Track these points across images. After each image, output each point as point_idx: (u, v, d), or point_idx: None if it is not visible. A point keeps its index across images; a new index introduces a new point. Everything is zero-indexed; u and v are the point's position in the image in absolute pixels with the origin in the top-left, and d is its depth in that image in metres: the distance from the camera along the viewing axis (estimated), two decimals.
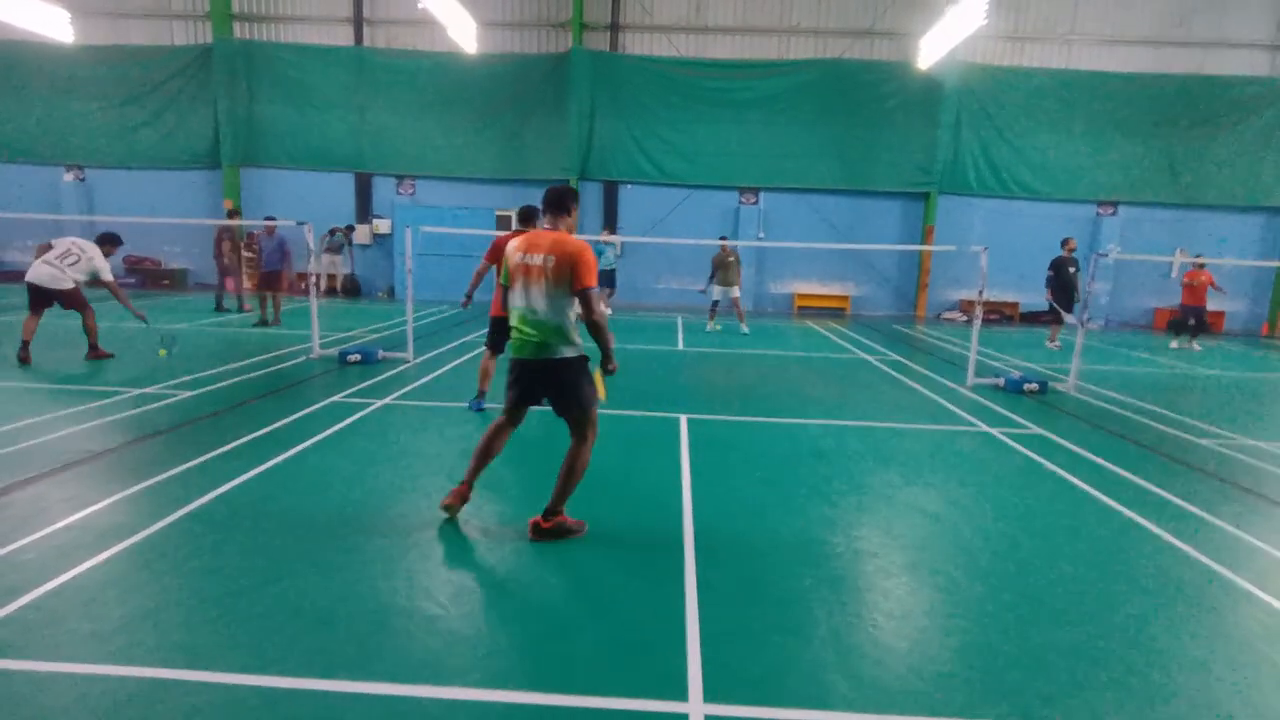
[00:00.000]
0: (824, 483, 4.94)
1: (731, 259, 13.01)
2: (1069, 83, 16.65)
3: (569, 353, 3.65)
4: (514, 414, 3.94)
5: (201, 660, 2.64)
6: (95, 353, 8.38)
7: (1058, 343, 12.51)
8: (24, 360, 7.78)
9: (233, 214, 15.42)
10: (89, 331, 8.40)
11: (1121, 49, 16.77)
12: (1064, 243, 12.14)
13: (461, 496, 3.95)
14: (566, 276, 3.52)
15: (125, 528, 3.72)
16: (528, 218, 5.90)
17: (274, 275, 11.83)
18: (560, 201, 3.70)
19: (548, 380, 3.73)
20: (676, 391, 7.96)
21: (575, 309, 3.62)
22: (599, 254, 13.35)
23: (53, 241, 8.60)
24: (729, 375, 9.13)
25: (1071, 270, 11.97)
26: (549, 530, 3.77)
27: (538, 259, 3.56)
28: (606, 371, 3.82)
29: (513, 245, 3.70)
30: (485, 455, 3.96)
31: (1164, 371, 10.71)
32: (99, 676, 2.53)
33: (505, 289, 3.78)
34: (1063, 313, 11.86)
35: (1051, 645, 2.95)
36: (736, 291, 13.07)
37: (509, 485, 4.65)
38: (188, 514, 3.93)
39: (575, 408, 3.73)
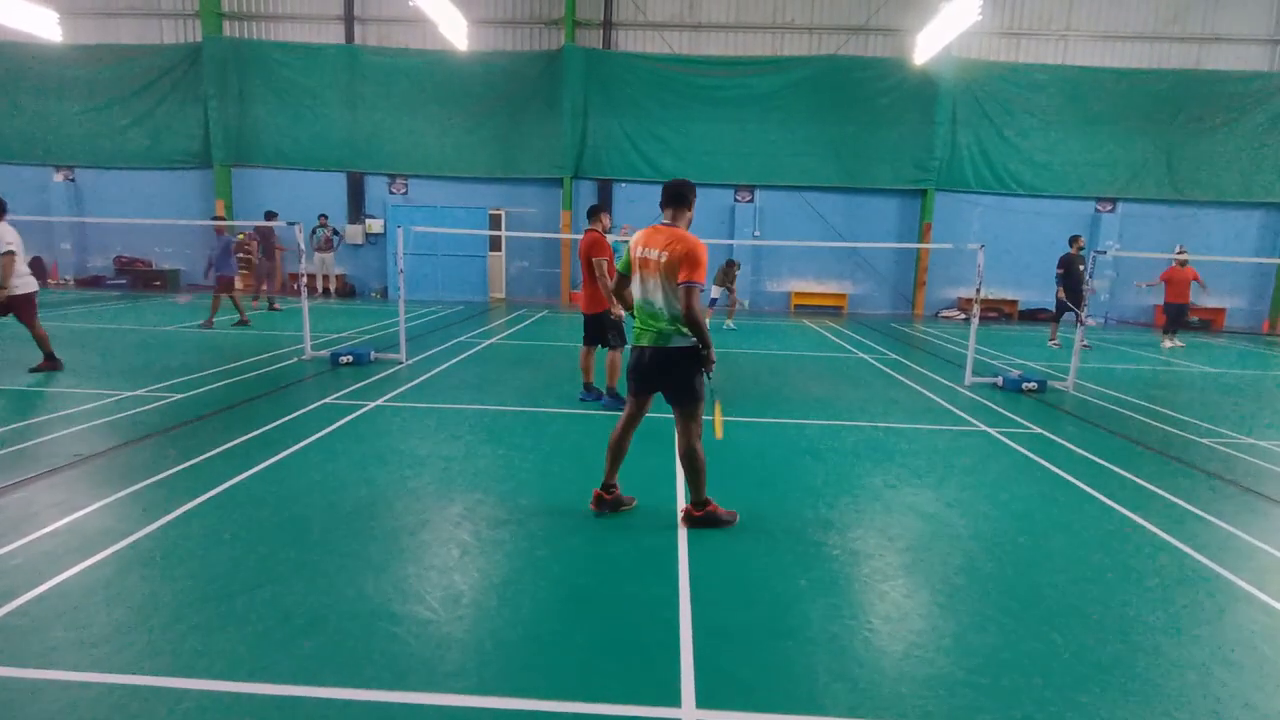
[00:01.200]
0: (820, 484, 4.91)
1: (736, 271, 13.43)
2: (1065, 78, 16.64)
3: (682, 343, 3.78)
4: (639, 404, 4.09)
5: (190, 667, 2.59)
6: (48, 363, 7.56)
7: (1057, 340, 12.48)
8: None
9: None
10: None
11: (1117, 44, 16.77)
12: (1073, 240, 11.95)
13: (601, 499, 4.13)
14: (676, 270, 3.65)
15: (114, 532, 3.67)
16: (594, 214, 6.75)
17: (227, 279, 11.45)
18: (681, 196, 3.84)
19: (663, 369, 3.86)
20: None
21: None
22: (616, 252, 12.81)
23: None
24: (725, 375, 9.09)
25: (1081, 268, 11.91)
26: (700, 518, 3.98)
27: (654, 253, 3.74)
28: (703, 369, 3.86)
29: (635, 238, 3.89)
30: (617, 452, 4.15)
31: (1164, 370, 10.71)
32: (87, 684, 2.49)
33: (625, 278, 4.06)
34: (1077, 311, 11.83)
35: (1049, 647, 2.92)
36: (734, 288, 13.55)
37: (503, 489, 4.60)
38: (176, 518, 3.88)
39: (686, 398, 3.88)
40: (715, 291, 13.40)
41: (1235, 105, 16.43)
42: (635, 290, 3.89)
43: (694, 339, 3.75)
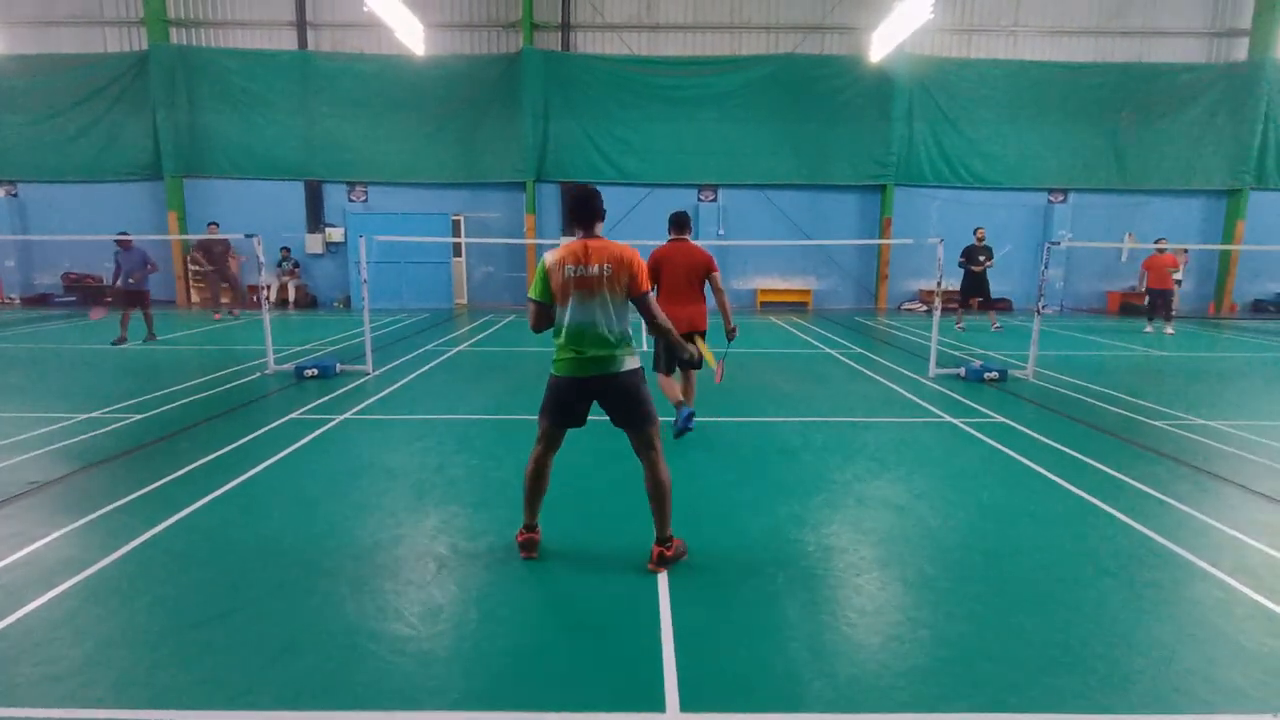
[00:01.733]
0: (792, 480, 4.97)
1: None
2: (1015, 73, 17.09)
3: (632, 364, 3.52)
4: (558, 436, 3.69)
5: (163, 698, 2.53)
6: None
7: (963, 325, 13.56)
8: None
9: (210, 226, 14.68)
10: None
11: (1064, 39, 17.26)
12: (975, 231, 13.16)
13: (532, 542, 3.72)
14: (626, 283, 3.45)
15: (75, 562, 3.56)
16: (677, 225, 5.82)
17: (138, 293, 11.13)
18: (594, 209, 3.58)
19: (618, 396, 3.51)
20: None
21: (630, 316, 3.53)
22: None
23: None
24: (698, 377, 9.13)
25: (982, 259, 12.96)
26: (670, 558, 3.59)
27: (595, 270, 3.41)
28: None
29: (556, 258, 3.47)
30: (539, 489, 3.72)
31: (1117, 355, 11.05)
32: None
33: (546, 307, 3.52)
34: (978, 298, 13.10)
35: (1019, 633, 3.01)
36: None
37: (477, 500, 4.57)
38: (141, 545, 3.78)
39: (646, 422, 3.55)
40: None
41: (1177, 96, 17.04)
42: (567, 315, 3.44)
43: (636, 360, 3.53)
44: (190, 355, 10.06)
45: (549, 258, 3.50)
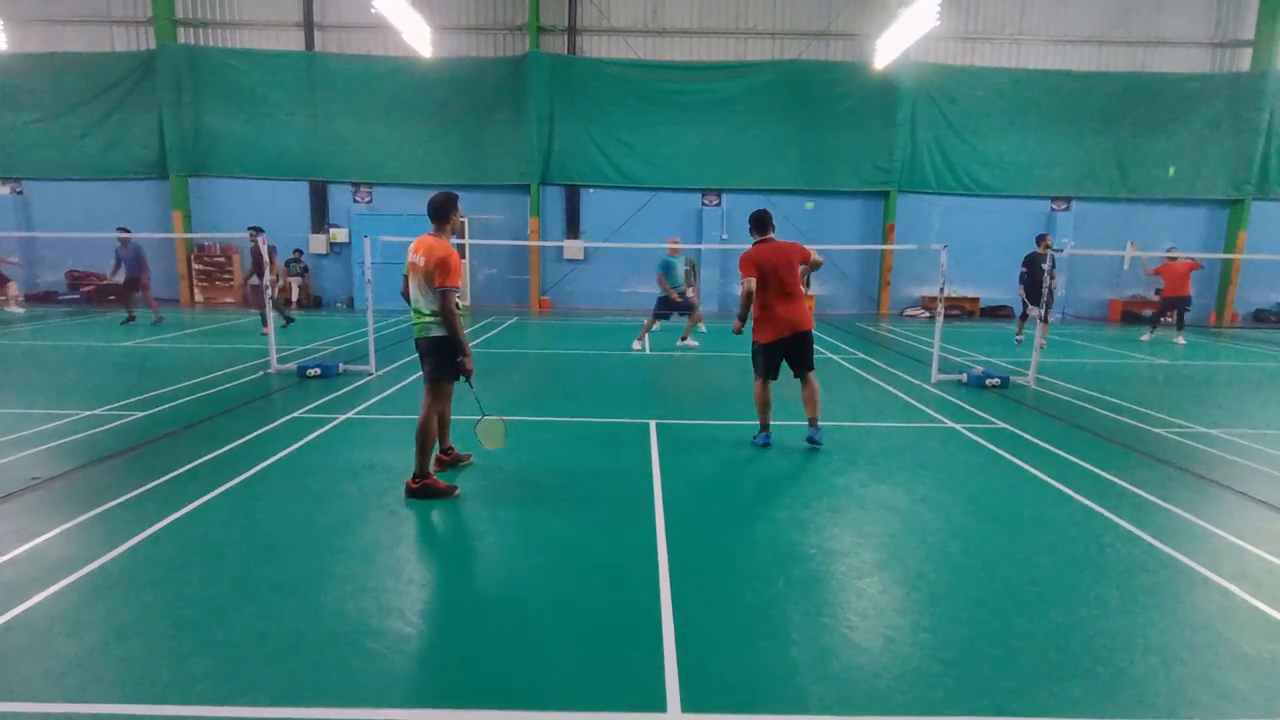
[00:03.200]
0: (794, 484, 4.98)
1: (688, 267, 13.27)
2: (1019, 81, 17.11)
3: (438, 333, 4.42)
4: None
5: (164, 694, 2.54)
6: None
7: (1022, 336, 12.87)
8: None
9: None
10: None
11: (1068, 48, 17.29)
12: (1039, 239, 12.10)
13: (440, 462, 4.88)
14: (433, 276, 4.27)
15: (78, 558, 3.57)
16: (761, 224, 5.84)
17: (134, 281, 12.79)
18: (438, 211, 4.50)
19: (422, 354, 4.51)
20: (645, 396, 7.95)
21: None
22: (669, 268, 11.09)
23: None
24: (697, 378, 9.16)
25: (1044, 267, 12.24)
26: (417, 490, 4.42)
27: (419, 260, 4.37)
28: (462, 373, 4.50)
29: (411, 246, 4.50)
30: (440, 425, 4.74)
31: (1119, 363, 11.05)
32: (55, 715, 2.43)
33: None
34: (1037, 309, 12.19)
35: (1021, 638, 3.01)
36: (691, 292, 13.24)
37: (478, 501, 4.58)
38: (143, 541, 3.80)
39: (431, 377, 4.52)
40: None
41: (1180, 106, 17.05)
42: (410, 291, 4.48)
43: (443, 330, 4.35)
44: (193, 354, 10.08)
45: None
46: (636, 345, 11.12)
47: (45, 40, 16.87)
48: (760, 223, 5.82)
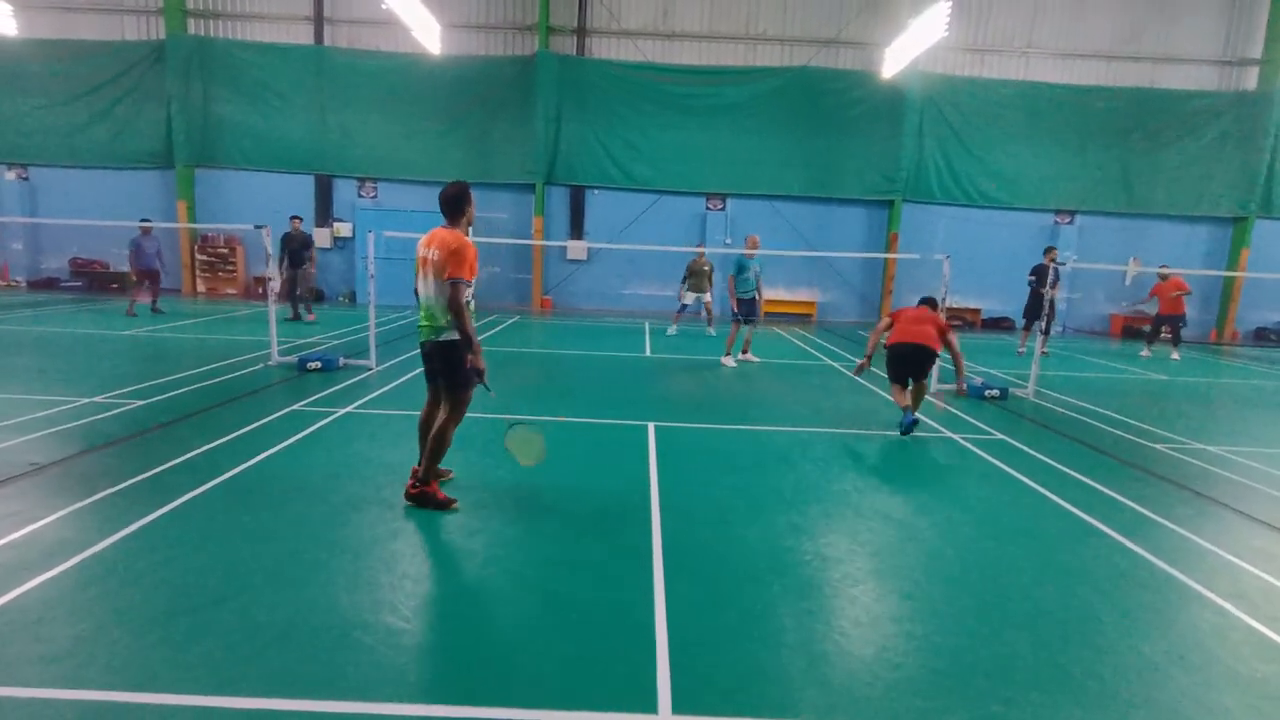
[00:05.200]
0: (791, 490, 4.97)
1: (706, 268, 13.35)
2: (1027, 94, 17.12)
3: (452, 336, 4.15)
4: (432, 389, 4.46)
5: (156, 681, 2.54)
6: None
7: (1025, 349, 12.90)
8: None
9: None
10: None
11: (1077, 62, 17.30)
12: (1047, 251, 12.21)
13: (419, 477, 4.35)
14: (444, 268, 4.04)
15: (74, 544, 3.58)
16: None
17: (154, 273, 13.16)
18: (451, 204, 4.22)
19: (436, 359, 4.24)
20: (644, 398, 7.95)
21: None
22: (742, 269, 10.06)
23: None
24: (697, 382, 9.16)
25: (1047, 278, 12.31)
26: (415, 495, 4.26)
27: (431, 253, 4.13)
28: (477, 374, 4.22)
29: (421, 240, 4.26)
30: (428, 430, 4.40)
31: (1119, 377, 11.04)
32: (48, 700, 2.43)
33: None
34: (1039, 320, 12.20)
35: (1013, 649, 3.01)
36: (708, 296, 13.47)
37: (475, 498, 4.58)
38: (139, 529, 3.80)
39: (449, 385, 4.27)
40: (688, 298, 13.49)
41: (1187, 122, 17.06)
42: (420, 288, 4.23)
43: (456, 326, 4.10)
44: (194, 344, 10.09)
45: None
46: (728, 360, 10.20)
47: (56, 26, 16.90)
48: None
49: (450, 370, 4.20)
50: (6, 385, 7.07)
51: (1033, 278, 12.49)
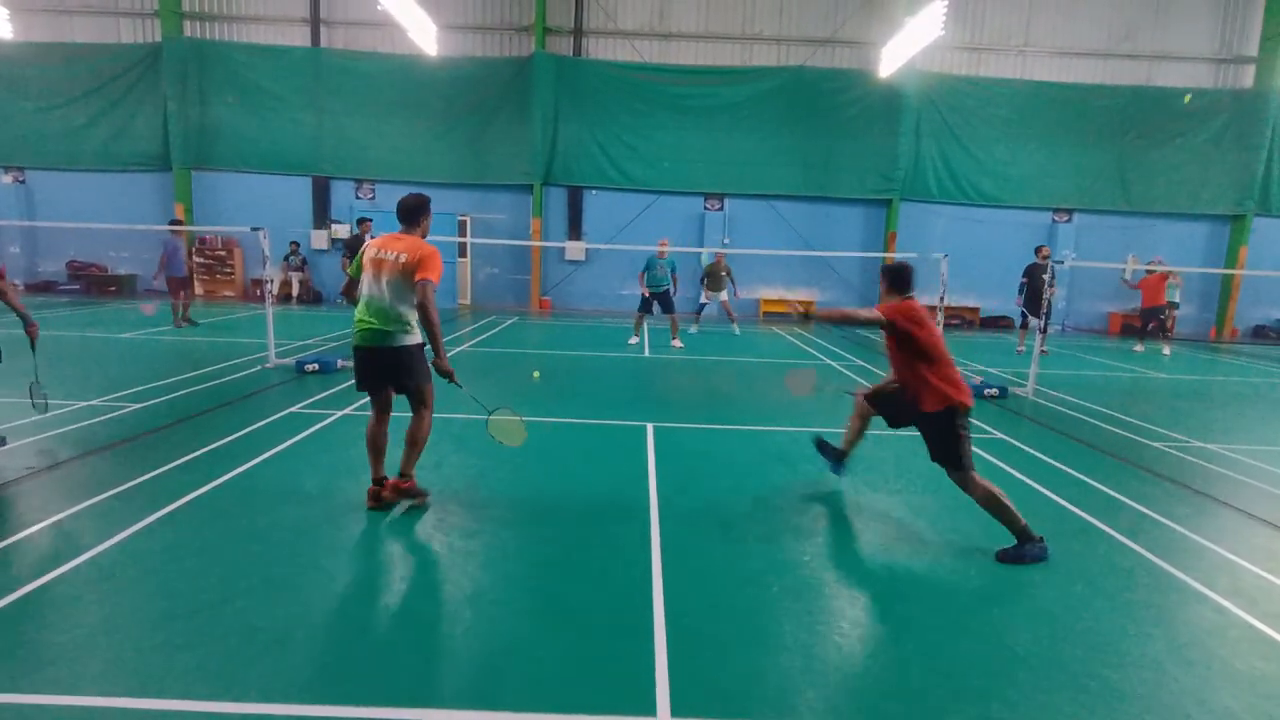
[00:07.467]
0: (790, 490, 4.97)
1: (724, 271, 13.52)
2: (1024, 92, 17.13)
3: (406, 341, 4.12)
4: (380, 400, 4.41)
5: (151, 687, 2.53)
6: None
7: (1024, 347, 12.88)
8: None
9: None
10: None
11: (1073, 61, 17.32)
12: (1038, 250, 12.35)
13: (378, 495, 4.25)
14: (413, 270, 3.98)
15: (70, 548, 3.56)
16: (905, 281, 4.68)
17: (183, 279, 12.40)
18: (412, 213, 4.24)
19: (391, 367, 4.18)
20: (643, 399, 7.94)
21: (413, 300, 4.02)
22: (650, 267, 12.18)
23: None
24: (695, 382, 9.15)
25: (1044, 277, 12.32)
26: (402, 489, 4.25)
27: (391, 255, 4.06)
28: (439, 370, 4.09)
29: (371, 243, 4.20)
30: (376, 448, 4.37)
31: (1117, 375, 11.04)
32: (43, 706, 2.41)
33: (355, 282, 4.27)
34: (1036, 318, 12.19)
35: (1013, 649, 3.00)
36: (724, 296, 13.63)
37: (473, 499, 4.57)
38: (136, 533, 3.78)
39: (417, 390, 4.27)
40: (704, 296, 13.64)
41: (1184, 121, 17.07)
42: (367, 289, 4.10)
43: (417, 337, 4.12)
44: (191, 347, 10.06)
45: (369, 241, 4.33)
46: (676, 343, 11.66)
47: (51, 29, 16.87)
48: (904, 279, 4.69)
49: (414, 374, 4.20)
50: (2, 389, 7.04)
51: (1025, 279, 12.55)
